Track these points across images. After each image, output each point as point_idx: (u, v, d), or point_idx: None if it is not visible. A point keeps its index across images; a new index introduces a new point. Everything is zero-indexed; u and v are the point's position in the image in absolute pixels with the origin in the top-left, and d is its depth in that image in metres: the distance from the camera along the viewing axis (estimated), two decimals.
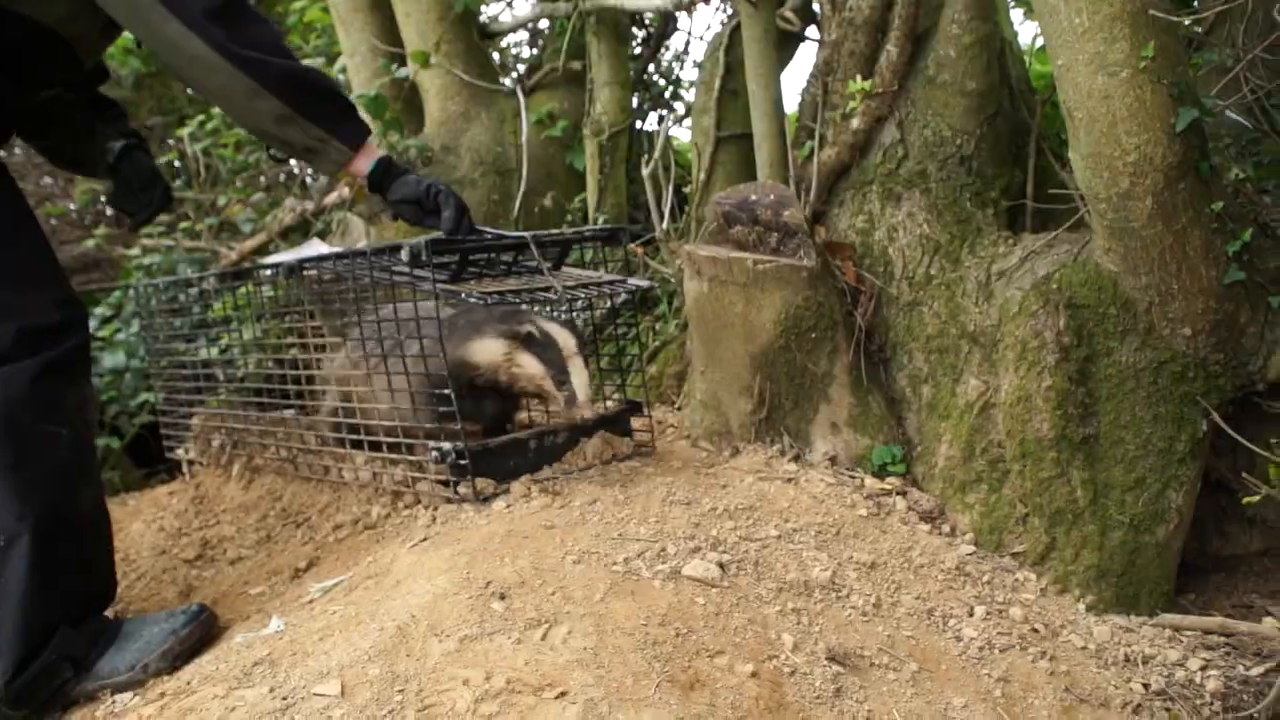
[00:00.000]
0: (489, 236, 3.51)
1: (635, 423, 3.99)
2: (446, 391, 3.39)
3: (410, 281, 3.46)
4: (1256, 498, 3.05)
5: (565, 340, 3.50)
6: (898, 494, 3.73)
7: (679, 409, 4.53)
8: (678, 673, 2.47)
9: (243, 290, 4.39)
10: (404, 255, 3.29)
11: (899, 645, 2.94)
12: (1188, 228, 3.31)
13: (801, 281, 3.86)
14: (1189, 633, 3.35)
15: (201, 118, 7.32)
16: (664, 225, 4.53)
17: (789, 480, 3.66)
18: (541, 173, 5.62)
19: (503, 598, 2.66)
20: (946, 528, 3.66)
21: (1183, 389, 3.52)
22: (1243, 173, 3.79)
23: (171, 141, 8.11)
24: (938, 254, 4.02)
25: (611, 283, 3.73)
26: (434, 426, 3.49)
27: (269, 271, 4.11)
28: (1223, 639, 3.31)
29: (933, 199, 4.08)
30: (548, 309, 3.90)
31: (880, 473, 3.84)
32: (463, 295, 3.33)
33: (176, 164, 7.90)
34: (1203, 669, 3.13)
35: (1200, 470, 3.62)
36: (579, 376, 3.48)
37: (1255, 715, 2.89)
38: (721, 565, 2.98)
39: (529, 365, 3.50)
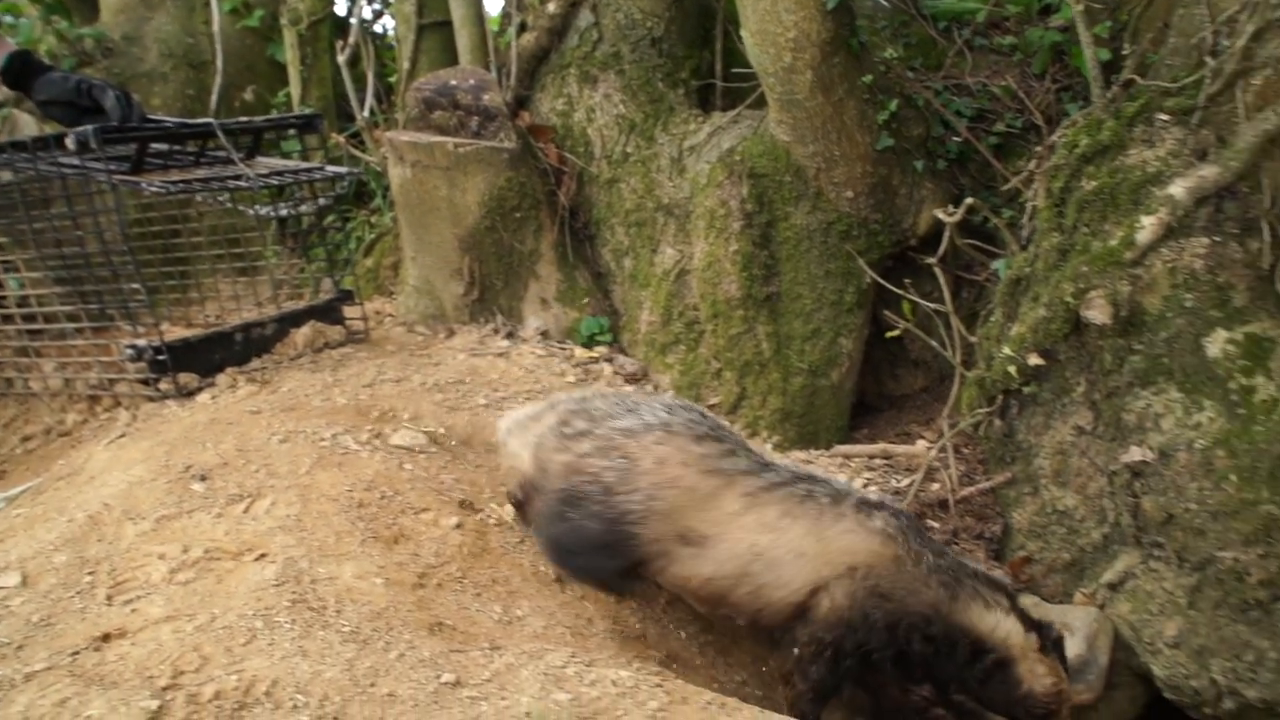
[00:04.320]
0: (168, 124, 3.36)
1: (348, 311, 3.99)
2: None
3: (82, 174, 3.27)
4: (896, 332, 3.50)
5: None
6: (605, 360, 3.97)
7: (396, 297, 4.56)
8: (382, 529, 2.59)
9: None
10: (70, 144, 3.10)
11: None
12: (844, 99, 3.66)
13: (503, 163, 3.95)
14: (857, 459, 3.81)
15: None
16: (365, 113, 4.47)
17: (501, 355, 3.81)
18: (240, 65, 5.35)
19: (204, 479, 2.66)
20: (650, 387, 3.95)
21: (849, 246, 3.92)
22: (895, 52, 4.20)
23: None
24: (633, 133, 4.22)
25: (310, 170, 3.68)
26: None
27: None
28: (884, 461, 3.79)
29: (627, 80, 4.25)
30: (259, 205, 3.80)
31: (589, 343, 4.06)
32: (143, 185, 3.19)
33: None
34: (865, 486, 3.59)
35: (867, 318, 4.07)
36: None
37: None
38: (430, 434, 3.10)
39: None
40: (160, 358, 3.31)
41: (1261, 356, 2.86)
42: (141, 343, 3.32)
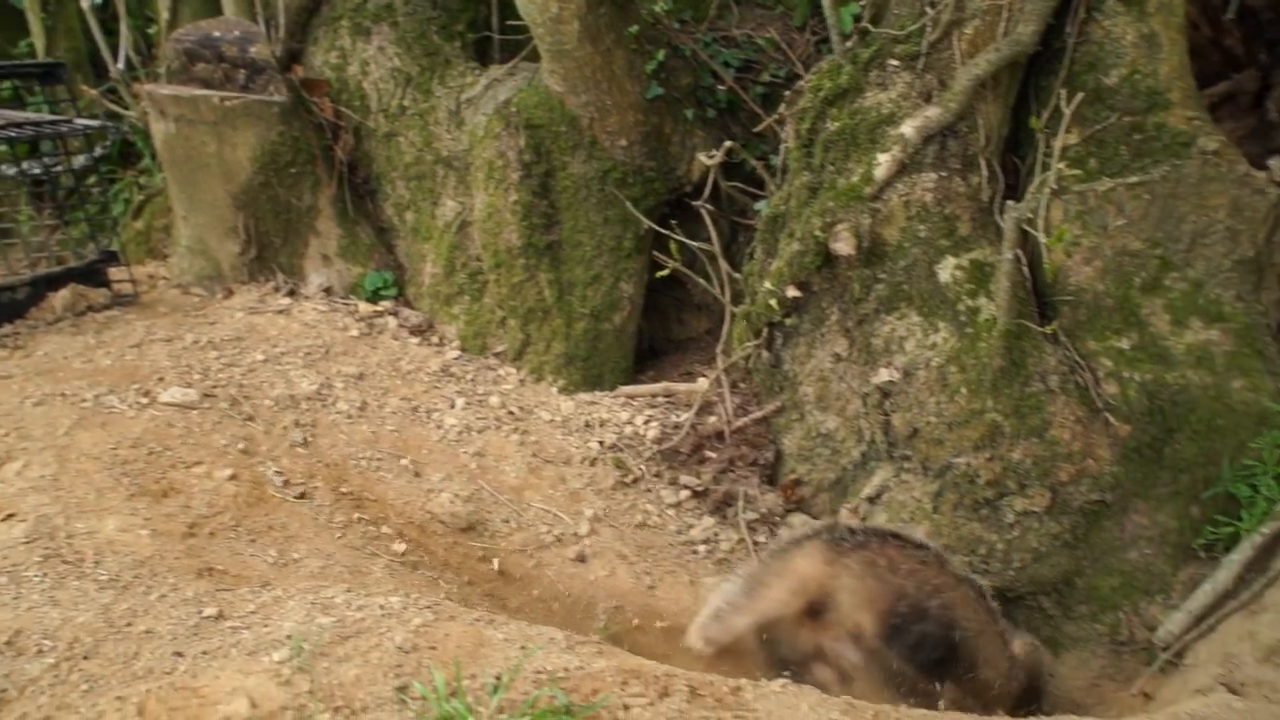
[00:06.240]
0: None
1: (114, 274, 3.82)
2: None
3: None
4: (665, 272, 3.66)
5: None
6: (389, 314, 3.96)
7: (169, 259, 4.39)
8: (150, 484, 2.54)
9: None
10: None
11: (384, 440, 3.22)
12: (612, 49, 3.76)
13: (274, 117, 3.86)
14: (640, 398, 3.97)
15: None
16: (120, 65, 4.25)
17: (281, 312, 3.75)
18: None
19: None
20: (435, 338, 3.98)
21: (625, 193, 4.04)
22: (664, 5, 4.34)
23: None
24: (410, 86, 4.19)
25: (55, 123, 3.49)
26: None
27: None
28: (665, 399, 3.97)
29: (401, 33, 4.21)
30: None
31: (374, 297, 4.04)
32: None
33: None
34: (646, 423, 3.76)
35: (645, 263, 4.21)
36: None
37: (678, 446, 3.56)
38: (202, 390, 3.04)
39: None
40: None
41: (984, 280, 3.18)
42: None
